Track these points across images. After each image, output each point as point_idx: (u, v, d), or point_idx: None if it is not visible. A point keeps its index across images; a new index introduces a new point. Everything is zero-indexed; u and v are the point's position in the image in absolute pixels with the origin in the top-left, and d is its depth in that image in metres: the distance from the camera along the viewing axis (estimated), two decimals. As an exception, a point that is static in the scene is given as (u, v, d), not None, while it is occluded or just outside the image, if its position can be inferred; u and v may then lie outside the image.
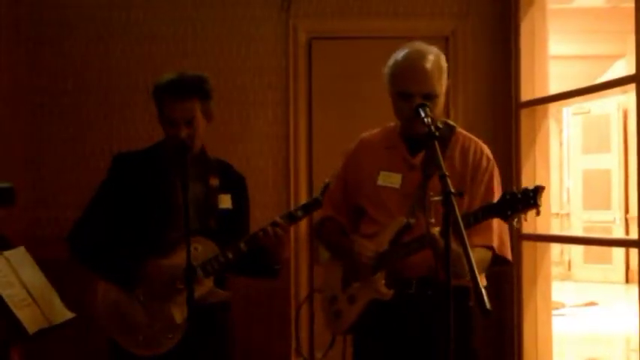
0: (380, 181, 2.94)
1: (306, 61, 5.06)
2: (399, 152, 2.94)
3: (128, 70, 4.92)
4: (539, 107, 4.89)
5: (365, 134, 3.13)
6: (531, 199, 2.59)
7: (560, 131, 13.26)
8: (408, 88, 2.82)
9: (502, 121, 4.93)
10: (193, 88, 2.96)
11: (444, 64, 2.90)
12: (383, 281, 2.85)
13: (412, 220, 2.83)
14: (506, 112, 4.93)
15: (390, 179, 2.92)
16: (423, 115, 2.66)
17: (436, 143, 2.47)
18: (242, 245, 2.92)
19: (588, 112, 12.03)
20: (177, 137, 2.95)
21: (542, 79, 4.90)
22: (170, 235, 2.96)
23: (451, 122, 3.06)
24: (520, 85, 4.86)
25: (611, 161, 11.90)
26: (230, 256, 2.92)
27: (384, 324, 2.89)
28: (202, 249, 2.93)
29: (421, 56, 2.86)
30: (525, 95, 4.86)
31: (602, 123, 11.95)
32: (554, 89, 5.04)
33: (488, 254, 2.87)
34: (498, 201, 2.68)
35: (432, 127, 2.56)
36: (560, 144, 13.27)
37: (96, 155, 4.86)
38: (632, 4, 4.07)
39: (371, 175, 2.97)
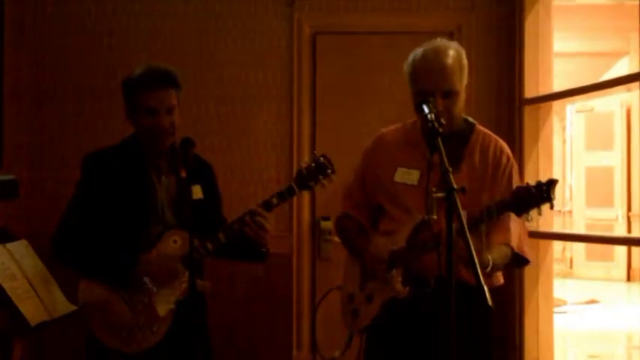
0: (397, 178, 2.91)
1: (310, 55, 5.05)
2: (419, 149, 2.90)
3: (131, 66, 4.86)
4: (543, 104, 4.88)
5: (384, 130, 3.10)
6: (545, 192, 2.57)
7: (564, 128, 13.24)
8: (427, 85, 2.78)
9: (505, 118, 4.92)
10: (170, 78, 3.00)
11: (465, 60, 2.87)
12: (399, 279, 2.83)
13: (429, 217, 2.79)
14: (510, 108, 4.93)
15: (408, 176, 2.89)
16: (426, 111, 2.62)
17: (439, 139, 2.45)
18: (221, 235, 2.94)
19: (592, 110, 12.00)
20: (159, 127, 2.95)
21: (546, 76, 4.90)
22: (151, 229, 2.98)
23: (471, 119, 3.02)
24: (524, 82, 4.85)
25: (614, 159, 11.88)
26: (210, 247, 2.94)
27: (401, 322, 2.87)
28: (181, 242, 2.94)
29: (441, 52, 2.82)
30: (529, 92, 4.85)
31: (606, 120, 11.92)
32: (557, 86, 5.03)
33: (509, 250, 2.86)
34: (512, 196, 2.64)
35: (436, 124, 2.53)
36: (564, 141, 13.25)
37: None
38: (636, 2, 4.07)
39: (388, 171, 2.94)
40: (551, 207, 2.60)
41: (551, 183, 2.58)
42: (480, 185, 2.84)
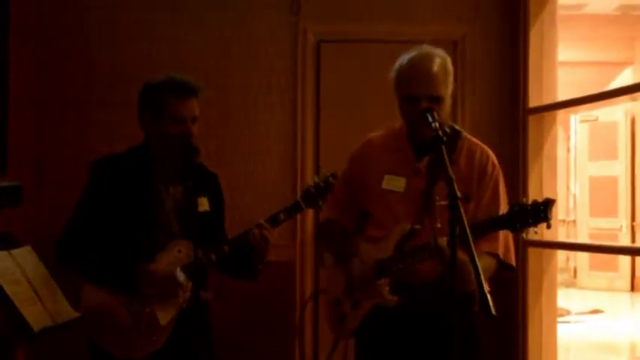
0: (384, 185, 2.92)
1: (314, 63, 5.06)
2: (405, 155, 2.92)
3: (134, 71, 4.91)
4: (548, 113, 4.88)
5: (371, 135, 3.12)
6: (542, 212, 2.56)
7: (568, 138, 13.24)
8: (414, 90, 2.81)
9: (510, 127, 4.92)
10: (195, 88, 3.03)
11: (451, 67, 2.89)
12: (387, 288, 2.83)
13: (417, 226, 2.80)
14: (514, 118, 4.92)
15: (394, 183, 2.90)
16: (430, 119, 2.65)
17: (443, 148, 2.46)
18: (225, 247, 2.95)
19: (596, 120, 12.01)
20: (189, 134, 2.98)
21: (550, 86, 4.90)
22: (156, 237, 2.98)
23: (457, 127, 3.03)
24: (528, 91, 4.85)
25: (618, 168, 11.87)
26: (213, 257, 2.95)
27: (389, 329, 2.87)
28: (185, 252, 2.95)
29: (427, 59, 2.85)
30: (533, 101, 4.85)
31: (610, 130, 11.92)
32: (561, 95, 5.03)
33: (494, 262, 2.86)
34: (508, 213, 2.64)
35: (440, 132, 2.55)
36: (568, 150, 13.25)
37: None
38: (641, 12, 4.07)
39: (376, 177, 2.95)
40: (548, 227, 2.59)
41: (548, 203, 2.57)
42: (466, 192, 2.83)
